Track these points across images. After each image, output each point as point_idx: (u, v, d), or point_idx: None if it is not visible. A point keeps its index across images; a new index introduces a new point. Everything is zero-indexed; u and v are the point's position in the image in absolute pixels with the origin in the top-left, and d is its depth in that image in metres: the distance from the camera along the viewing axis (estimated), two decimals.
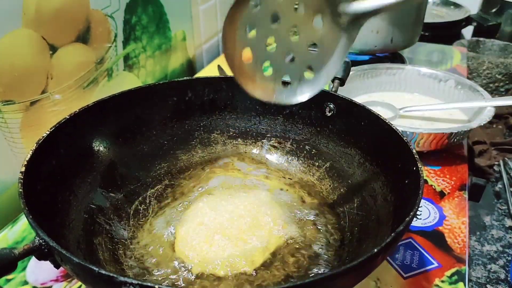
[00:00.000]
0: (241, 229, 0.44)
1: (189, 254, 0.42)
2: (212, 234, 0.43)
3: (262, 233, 0.44)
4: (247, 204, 0.47)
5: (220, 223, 0.45)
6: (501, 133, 0.76)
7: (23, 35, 0.53)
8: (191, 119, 0.57)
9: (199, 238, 0.43)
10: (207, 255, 0.42)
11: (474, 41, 1.11)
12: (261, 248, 0.43)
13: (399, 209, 0.40)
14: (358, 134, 0.50)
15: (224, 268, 0.41)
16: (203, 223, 0.45)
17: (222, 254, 0.42)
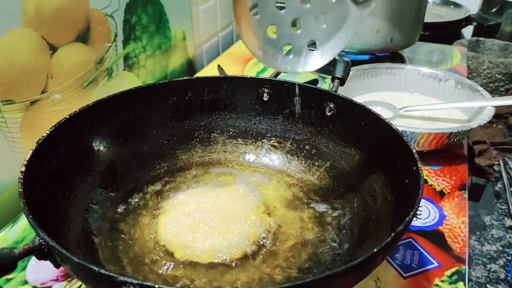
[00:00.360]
0: (223, 219, 0.45)
1: (172, 242, 0.43)
2: (195, 224, 0.44)
3: (244, 222, 0.45)
4: (229, 196, 0.48)
5: (203, 212, 0.45)
6: (501, 133, 0.76)
7: (23, 34, 0.53)
8: (191, 119, 0.57)
9: (182, 226, 0.44)
10: (190, 243, 0.43)
11: (474, 41, 1.11)
12: (242, 237, 0.43)
13: (399, 208, 0.40)
14: (358, 134, 0.50)
15: (206, 256, 0.42)
16: (185, 214, 0.45)
17: (204, 242, 0.43)
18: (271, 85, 0.55)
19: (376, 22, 0.79)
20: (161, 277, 0.40)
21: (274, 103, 0.56)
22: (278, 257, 0.43)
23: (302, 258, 0.43)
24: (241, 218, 0.45)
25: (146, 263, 0.42)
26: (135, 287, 0.27)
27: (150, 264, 0.42)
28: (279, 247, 0.44)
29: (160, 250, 0.43)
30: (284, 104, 0.56)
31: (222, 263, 0.42)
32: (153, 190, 0.51)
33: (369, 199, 0.46)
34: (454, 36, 1.20)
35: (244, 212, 0.46)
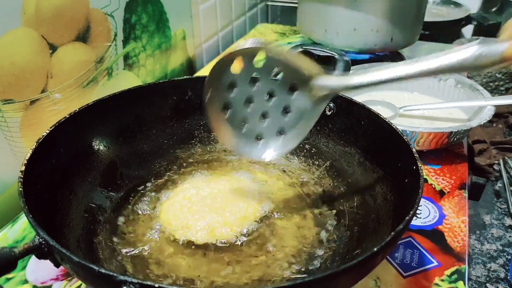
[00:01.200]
0: (221, 202, 0.47)
1: (173, 222, 0.45)
2: (194, 206, 0.47)
3: (241, 205, 0.47)
4: (226, 183, 0.51)
5: (202, 196, 0.48)
6: (501, 132, 0.76)
7: (23, 34, 0.53)
8: (191, 118, 0.57)
9: (182, 209, 0.46)
10: (188, 223, 0.45)
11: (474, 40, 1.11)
12: (240, 217, 0.46)
13: (399, 208, 0.40)
14: (358, 133, 0.50)
15: (203, 236, 0.44)
16: (186, 197, 0.48)
17: (202, 222, 0.45)
18: None
19: (376, 22, 0.79)
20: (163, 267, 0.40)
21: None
22: (277, 256, 0.43)
23: (301, 257, 0.43)
24: (238, 202, 0.47)
25: (147, 263, 0.42)
26: (135, 286, 0.27)
27: (150, 263, 0.42)
28: (277, 244, 0.44)
29: (161, 238, 0.45)
30: None
31: (217, 244, 0.44)
32: (153, 189, 0.51)
33: (369, 198, 0.46)
34: (454, 36, 1.20)
35: (242, 197, 0.48)
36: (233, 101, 0.41)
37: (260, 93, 0.41)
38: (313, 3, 0.84)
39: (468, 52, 0.31)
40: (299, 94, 0.40)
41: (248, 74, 0.40)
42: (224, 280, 0.40)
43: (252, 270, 0.41)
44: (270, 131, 0.42)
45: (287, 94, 0.41)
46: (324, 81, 0.38)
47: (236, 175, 0.54)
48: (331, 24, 0.82)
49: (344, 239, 0.45)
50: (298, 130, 0.42)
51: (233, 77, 0.40)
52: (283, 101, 0.41)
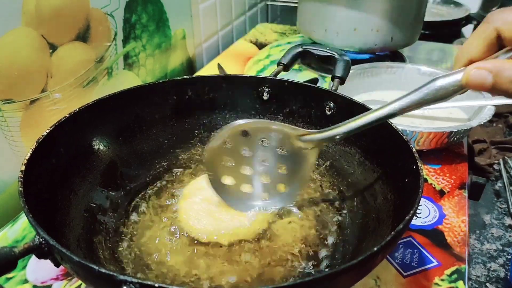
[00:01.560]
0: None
1: (190, 223, 0.45)
2: (212, 208, 0.47)
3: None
4: None
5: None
6: (501, 132, 0.76)
7: (22, 33, 0.53)
8: (191, 118, 0.57)
9: (201, 210, 0.46)
10: (208, 225, 0.45)
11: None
12: (257, 219, 0.46)
13: (399, 207, 0.40)
14: (358, 133, 0.50)
15: (223, 237, 0.44)
16: (206, 200, 0.48)
17: (221, 224, 0.45)
18: (271, 84, 0.55)
19: (376, 21, 0.79)
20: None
21: (274, 102, 0.56)
22: (276, 252, 0.43)
23: (302, 256, 0.43)
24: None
25: (147, 262, 0.42)
26: (135, 286, 0.27)
27: (150, 263, 0.42)
28: (276, 242, 0.44)
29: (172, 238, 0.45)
30: (284, 103, 0.56)
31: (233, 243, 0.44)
32: (153, 189, 0.51)
33: (369, 198, 0.46)
34: (454, 35, 1.20)
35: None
36: (233, 171, 0.46)
37: (256, 159, 0.45)
38: (313, 3, 0.84)
39: (429, 89, 0.35)
40: (289, 152, 0.44)
41: (239, 147, 0.44)
42: (224, 278, 0.40)
43: (251, 269, 0.41)
44: (274, 189, 0.47)
45: (279, 155, 0.45)
46: (306, 137, 0.42)
47: None
48: (331, 23, 0.83)
49: (344, 238, 0.45)
50: (298, 181, 0.46)
51: (227, 152, 0.44)
52: (277, 161, 0.45)
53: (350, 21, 0.80)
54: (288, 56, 0.59)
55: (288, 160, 0.45)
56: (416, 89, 0.36)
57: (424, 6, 0.84)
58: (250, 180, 0.46)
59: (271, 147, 0.44)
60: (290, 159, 0.44)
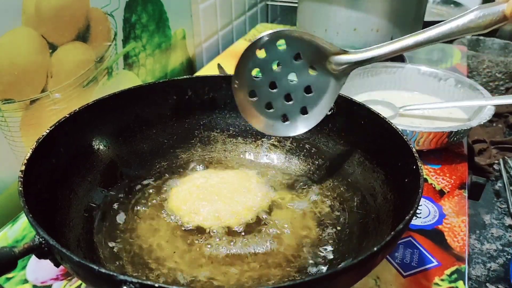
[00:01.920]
0: (229, 191, 0.49)
1: (181, 207, 0.47)
2: (203, 192, 0.48)
3: (249, 196, 0.48)
4: (235, 175, 0.52)
5: (211, 185, 0.49)
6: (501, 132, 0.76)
7: (22, 33, 0.53)
8: (191, 118, 0.57)
9: (191, 195, 0.48)
10: (196, 208, 0.46)
11: (474, 40, 1.11)
12: (246, 207, 0.47)
13: (399, 207, 0.40)
14: (358, 133, 0.50)
15: (210, 220, 0.45)
16: (195, 185, 0.49)
17: (210, 208, 0.46)
18: None
19: (376, 21, 0.79)
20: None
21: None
22: (276, 252, 0.43)
23: (302, 256, 0.43)
24: (244, 193, 0.49)
25: (147, 262, 0.42)
26: (135, 286, 0.27)
27: (151, 262, 0.42)
28: (276, 242, 0.44)
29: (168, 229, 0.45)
30: None
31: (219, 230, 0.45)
32: (153, 188, 0.51)
33: (369, 198, 0.46)
34: None
35: (248, 189, 0.49)
36: (259, 85, 0.44)
37: (284, 75, 0.44)
38: (313, 3, 0.84)
39: (472, 15, 0.35)
40: (319, 72, 0.43)
41: (271, 58, 0.43)
42: (224, 278, 0.40)
43: (251, 270, 0.41)
44: (295, 110, 0.45)
45: (308, 74, 0.44)
46: (342, 57, 0.42)
47: (243, 169, 0.55)
48: (331, 23, 0.82)
49: (344, 238, 0.45)
50: (320, 107, 0.45)
51: (258, 63, 0.43)
52: (305, 81, 0.44)
53: (350, 21, 0.80)
54: None
55: (315, 83, 0.44)
56: (456, 18, 0.36)
57: (424, 6, 0.84)
58: (275, 97, 0.45)
59: (302, 65, 0.43)
60: (318, 82, 0.44)
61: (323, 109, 0.45)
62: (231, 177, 0.51)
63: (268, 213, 0.48)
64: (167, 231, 0.46)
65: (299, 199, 0.50)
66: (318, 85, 0.44)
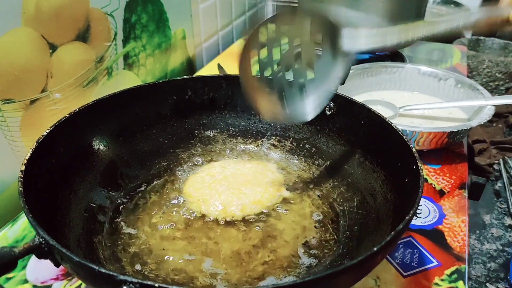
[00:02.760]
0: (240, 183, 0.50)
1: (193, 194, 0.49)
2: (215, 182, 0.50)
3: (259, 189, 0.49)
4: (253, 167, 0.53)
5: (225, 176, 0.51)
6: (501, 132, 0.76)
7: (22, 33, 0.53)
8: (191, 118, 0.57)
9: (203, 183, 0.50)
10: (206, 196, 0.48)
11: (474, 40, 1.11)
12: (254, 200, 0.48)
13: (399, 207, 0.40)
14: (358, 133, 0.50)
15: (216, 209, 0.47)
16: (210, 174, 0.51)
17: (219, 197, 0.48)
18: None
19: (376, 21, 0.79)
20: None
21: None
22: (275, 252, 0.43)
23: (302, 256, 0.43)
24: (255, 186, 0.49)
25: (147, 262, 0.42)
26: (135, 286, 0.27)
27: (150, 262, 0.42)
28: (276, 242, 0.44)
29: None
30: None
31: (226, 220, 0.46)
32: (153, 189, 0.51)
33: (369, 198, 0.46)
34: (454, 35, 1.20)
35: (261, 183, 0.50)
36: (265, 66, 0.43)
37: (290, 56, 0.43)
38: (313, 3, 0.84)
39: (478, 14, 0.37)
40: (327, 48, 0.42)
41: (278, 34, 0.42)
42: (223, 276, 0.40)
43: (251, 269, 0.41)
44: (297, 95, 0.45)
45: (314, 56, 0.43)
46: (351, 32, 0.42)
47: (265, 162, 0.56)
48: None
49: (344, 238, 0.45)
50: (321, 93, 0.44)
51: (264, 43, 0.42)
52: (311, 60, 0.43)
53: (350, 21, 0.80)
54: None
55: (320, 64, 0.43)
56: (457, 16, 0.38)
57: (424, 6, 0.84)
58: (279, 80, 0.44)
59: (308, 44, 0.42)
60: (323, 63, 0.43)
61: (325, 93, 0.44)
62: (248, 169, 0.52)
63: (273, 210, 0.48)
64: (166, 230, 0.46)
65: (300, 199, 0.50)
66: (322, 67, 0.43)
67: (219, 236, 0.45)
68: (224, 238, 0.44)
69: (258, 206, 0.48)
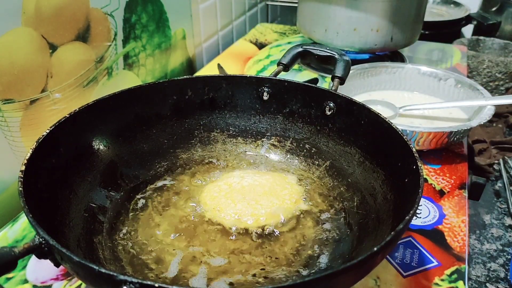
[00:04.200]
0: (257, 194, 0.49)
1: (207, 202, 0.49)
2: (232, 192, 0.49)
3: (275, 201, 0.48)
4: (271, 178, 0.52)
5: (242, 186, 0.50)
6: (501, 132, 0.76)
7: (22, 33, 0.53)
8: (191, 118, 0.57)
9: (220, 192, 0.49)
10: (221, 205, 0.48)
11: (474, 40, 1.11)
12: (269, 213, 0.47)
13: (399, 207, 0.40)
14: (358, 133, 0.50)
15: (231, 218, 0.46)
16: (228, 184, 0.51)
17: (234, 206, 0.47)
18: (271, 84, 0.55)
19: (376, 21, 0.79)
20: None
21: (274, 102, 0.56)
22: (275, 252, 0.43)
23: (302, 256, 0.43)
24: (272, 198, 0.48)
25: (147, 262, 0.42)
26: (135, 286, 0.27)
27: (150, 263, 0.42)
28: (276, 241, 0.44)
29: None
30: (284, 103, 0.56)
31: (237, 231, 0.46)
32: (153, 189, 0.51)
33: (369, 198, 0.46)
34: (454, 35, 1.20)
35: (278, 195, 0.49)
36: None
37: None
38: (313, 3, 0.84)
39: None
40: None
41: None
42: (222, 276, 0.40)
43: (252, 268, 0.41)
44: None
45: None
46: None
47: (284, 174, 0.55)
48: (331, 23, 0.82)
49: (344, 238, 0.45)
50: None
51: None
52: None
53: (350, 21, 0.80)
54: (288, 56, 0.59)
55: None
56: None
57: (424, 6, 0.84)
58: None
59: None
60: None
61: None
62: (266, 180, 0.51)
63: (287, 222, 0.47)
64: (166, 229, 0.46)
65: (299, 199, 0.50)
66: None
67: (217, 236, 0.45)
68: (223, 241, 0.44)
69: (274, 219, 0.47)
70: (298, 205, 0.49)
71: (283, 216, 0.47)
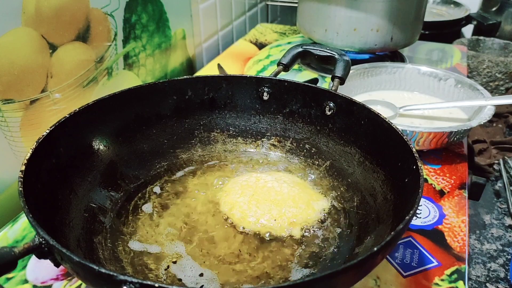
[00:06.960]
0: (275, 201, 0.48)
1: (223, 202, 0.49)
2: (252, 195, 0.48)
3: (292, 209, 0.47)
4: (289, 183, 0.50)
5: (263, 191, 0.49)
6: (501, 132, 0.76)
7: (22, 33, 0.53)
8: (191, 118, 0.57)
9: (241, 193, 0.49)
10: (239, 207, 0.47)
11: (474, 40, 1.11)
12: (282, 222, 0.46)
13: (399, 207, 0.40)
14: (358, 133, 0.50)
15: (247, 224, 0.46)
16: (249, 185, 0.50)
17: (255, 211, 0.47)
18: (271, 84, 0.55)
19: (376, 21, 0.79)
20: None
21: (274, 102, 0.56)
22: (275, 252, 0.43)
23: (302, 257, 0.43)
24: (284, 205, 0.47)
25: (146, 262, 0.42)
26: (135, 286, 0.27)
27: (149, 263, 0.42)
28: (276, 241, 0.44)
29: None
30: (284, 103, 0.56)
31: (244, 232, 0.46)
32: (153, 189, 0.51)
33: (369, 198, 0.46)
34: (454, 35, 1.20)
35: (296, 203, 0.48)
36: None
37: None
38: (313, 3, 0.84)
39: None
40: None
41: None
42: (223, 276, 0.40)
43: (252, 268, 0.41)
44: None
45: None
46: None
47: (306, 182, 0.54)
48: (331, 24, 0.83)
49: (344, 238, 0.45)
50: None
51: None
52: None
53: (350, 21, 0.80)
54: (288, 56, 0.59)
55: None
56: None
57: (424, 6, 0.84)
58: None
59: None
60: None
61: None
62: (288, 185, 0.50)
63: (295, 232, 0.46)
64: (166, 229, 0.46)
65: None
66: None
67: (218, 236, 0.45)
68: (224, 241, 0.45)
69: (284, 224, 0.46)
70: (313, 213, 0.48)
71: (304, 223, 0.46)
